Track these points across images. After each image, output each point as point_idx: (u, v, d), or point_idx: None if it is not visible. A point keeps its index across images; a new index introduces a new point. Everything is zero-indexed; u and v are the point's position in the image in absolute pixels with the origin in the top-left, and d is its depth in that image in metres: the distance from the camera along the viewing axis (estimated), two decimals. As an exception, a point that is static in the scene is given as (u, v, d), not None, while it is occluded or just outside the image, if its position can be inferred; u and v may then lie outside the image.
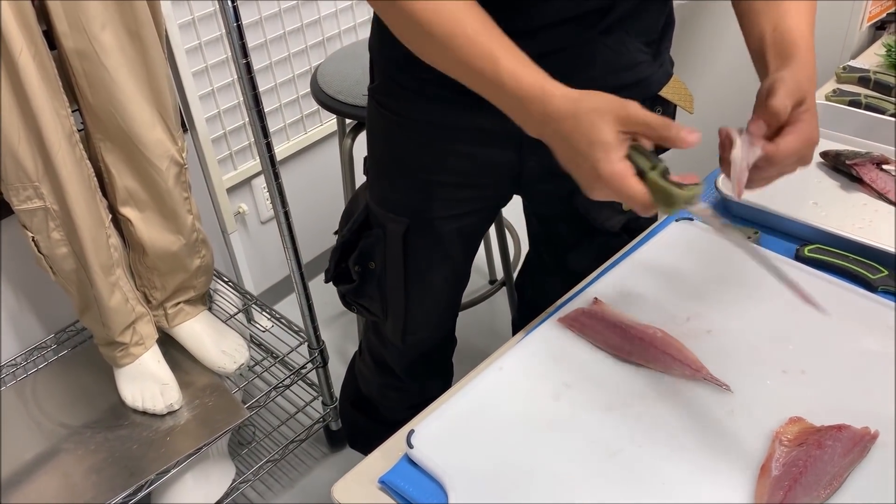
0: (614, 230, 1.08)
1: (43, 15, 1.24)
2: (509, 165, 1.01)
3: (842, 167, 1.10)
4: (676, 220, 1.04)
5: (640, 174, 0.71)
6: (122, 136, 1.33)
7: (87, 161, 1.33)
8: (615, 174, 0.70)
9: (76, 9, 1.21)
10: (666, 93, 1.00)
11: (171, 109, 1.38)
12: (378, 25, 1.00)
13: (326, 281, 1.22)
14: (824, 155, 1.13)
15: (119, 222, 1.45)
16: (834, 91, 1.29)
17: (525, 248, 1.31)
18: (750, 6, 0.86)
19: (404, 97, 0.98)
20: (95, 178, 1.36)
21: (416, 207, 1.05)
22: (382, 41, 0.99)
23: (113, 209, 1.42)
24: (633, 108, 0.72)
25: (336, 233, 1.22)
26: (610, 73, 0.94)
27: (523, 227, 1.25)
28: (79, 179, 1.30)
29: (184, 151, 1.43)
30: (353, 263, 1.14)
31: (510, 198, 1.13)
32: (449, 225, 1.07)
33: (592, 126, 0.71)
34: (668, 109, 1.03)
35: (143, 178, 1.39)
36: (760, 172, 0.77)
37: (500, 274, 2.10)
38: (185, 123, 1.70)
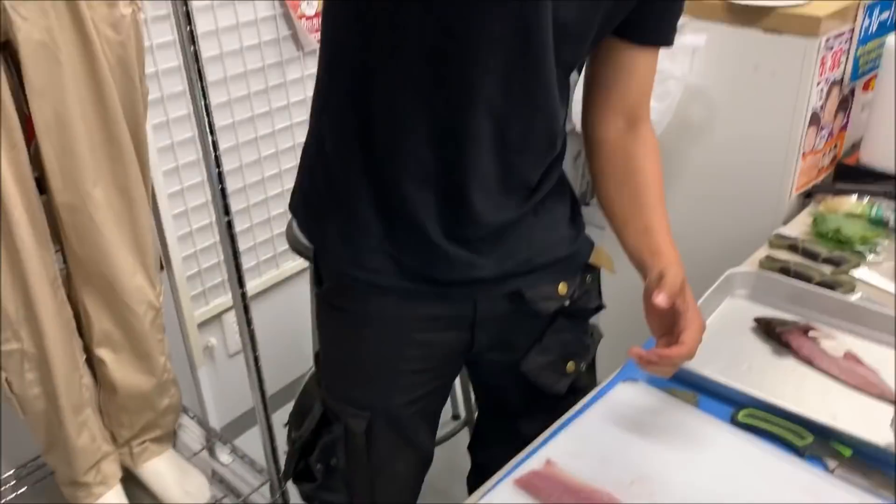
0: (561, 393, 1.14)
1: (36, 162, 1.33)
2: (464, 345, 1.09)
3: (773, 334, 1.20)
4: (623, 382, 1.12)
5: None
6: (103, 282, 1.40)
7: (68, 304, 1.39)
8: None
9: (71, 167, 1.30)
10: (594, 260, 1.14)
11: (151, 257, 1.46)
12: (321, 231, 1.05)
13: (285, 481, 1.23)
14: (757, 321, 1.23)
15: (92, 362, 1.49)
16: (766, 258, 1.41)
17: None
18: (621, 214, 1.06)
19: (358, 296, 1.03)
20: (74, 321, 1.41)
21: (376, 400, 1.09)
22: (326, 240, 1.04)
23: (87, 349, 1.47)
24: None
25: (287, 427, 1.24)
26: (545, 250, 1.06)
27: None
28: (58, 323, 1.35)
29: (161, 295, 1.50)
30: (314, 462, 1.15)
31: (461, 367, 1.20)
32: (409, 410, 1.11)
33: None
34: (595, 274, 1.15)
35: (120, 322, 1.45)
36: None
37: (462, 408, 2.15)
38: (163, 262, 1.77)
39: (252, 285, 2.07)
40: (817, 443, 0.99)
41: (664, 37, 1.03)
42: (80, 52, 1.22)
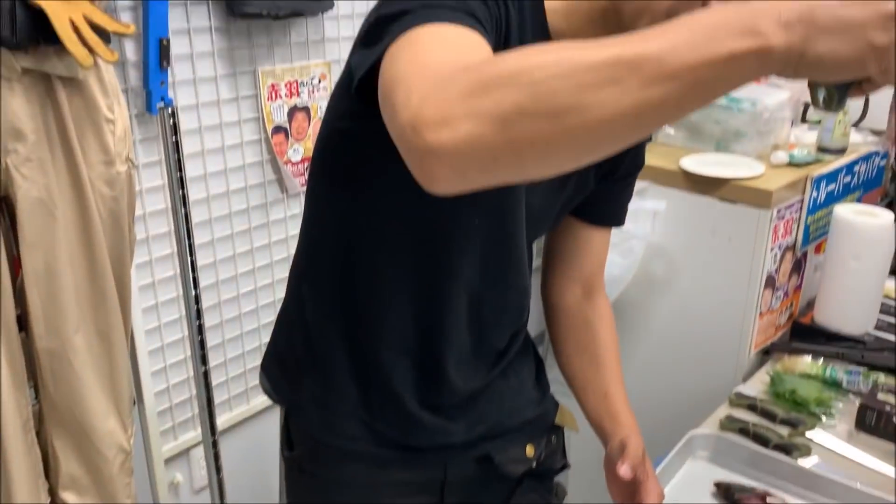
0: None
1: (19, 299, 1.36)
2: None
3: (732, 500, 1.23)
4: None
5: None
6: (75, 426, 1.41)
7: (37, 446, 1.39)
8: None
9: (55, 314, 1.33)
10: (559, 421, 1.18)
11: (126, 400, 1.48)
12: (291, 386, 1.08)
13: None
14: (717, 486, 1.27)
15: (56, 505, 1.47)
16: (727, 417, 1.46)
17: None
18: (581, 377, 1.15)
19: (331, 461, 1.05)
20: (41, 463, 1.41)
21: None
22: (300, 402, 1.07)
23: (52, 493, 1.46)
24: None
25: None
26: (515, 413, 1.10)
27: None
28: (26, 467, 1.35)
29: (132, 438, 1.51)
30: None
31: None
32: None
33: None
34: (560, 434, 1.20)
35: (88, 466, 1.44)
36: None
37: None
38: (135, 398, 1.78)
39: (222, 420, 2.07)
40: None
41: (616, 218, 1.15)
42: (74, 207, 1.28)
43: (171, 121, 1.51)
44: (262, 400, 2.16)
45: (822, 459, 1.36)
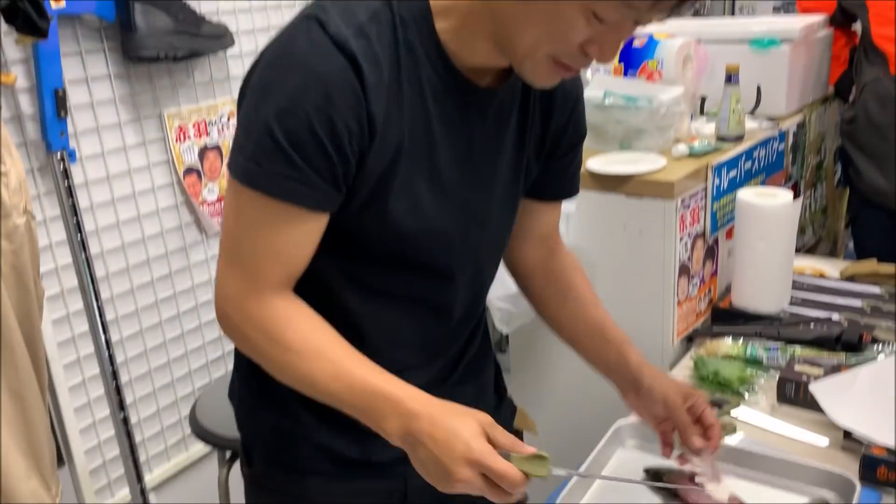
0: None
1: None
2: None
3: (662, 484, 1.25)
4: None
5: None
6: (-6, 491, 1.36)
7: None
8: (486, 453, 0.79)
9: (-38, 378, 1.29)
10: (517, 425, 1.19)
11: (47, 458, 1.43)
12: (251, 399, 1.08)
13: None
14: (647, 471, 1.28)
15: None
16: (654, 405, 1.48)
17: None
18: (571, 329, 1.18)
19: (292, 478, 1.04)
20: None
21: None
22: (258, 432, 1.07)
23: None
24: (492, 420, 0.85)
25: None
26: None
27: None
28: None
29: (57, 497, 1.46)
30: None
31: None
32: None
33: (463, 417, 0.82)
34: (518, 437, 1.19)
35: None
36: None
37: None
38: (63, 457, 1.73)
39: (159, 471, 2.02)
40: None
41: (568, 191, 1.15)
42: (-29, 265, 1.25)
43: (62, 165, 1.49)
44: (200, 447, 2.12)
45: (747, 435, 1.39)
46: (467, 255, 0.99)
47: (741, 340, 1.65)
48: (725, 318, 1.76)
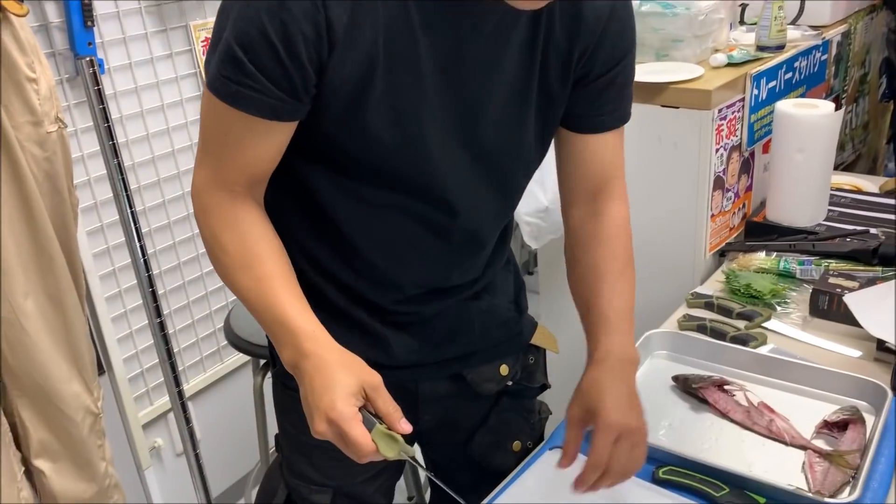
0: (509, 472, 1.15)
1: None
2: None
3: (690, 390, 1.26)
4: (549, 449, 1.16)
5: (366, 425, 0.81)
6: (39, 392, 1.41)
7: (4, 416, 1.39)
8: (348, 415, 0.79)
9: (2, 282, 1.32)
10: (536, 340, 1.16)
11: (88, 363, 1.47)
12: None
13: None
14: (675, 379, 1.29)
15: (31, 474, 1.48)
16: (684, 316, 1.48)
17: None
18: (582, 303, 1.06)
19: None
20: (10, 433, 1.41)
21: (337, 478, 1.10)
22: None
23: (26, 461, 1.46)
24: (379, 382, 0.84)
25: None
26: (485, 334, 1.08)
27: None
28: (-7, 438, 1.35)
29: (99, 400, 1.51)
30: None
31: (412, 445, 1.17)
32: (370, 486, 1.13)
33: (345, 372, 0.82)
34: (539, 353, 1.18)
35: (57, 431, 1.44)
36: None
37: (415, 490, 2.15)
38: (103, 365, 1.78)
39: (196, 382, 2.08)
40: (733, 493, 1.04)
41: (612, 118, 1.01)
42: (7, 171, 1.26)
43: (91, 69, 1.48)
44: (235, 358, 2.17)
45: (778, 346, 1.39)
46: (459, 178, 0.93)
47: (774, 254, 1.63)
48: (759, 232, 1.73)
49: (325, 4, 0.76)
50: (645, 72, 1.66)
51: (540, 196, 1.81)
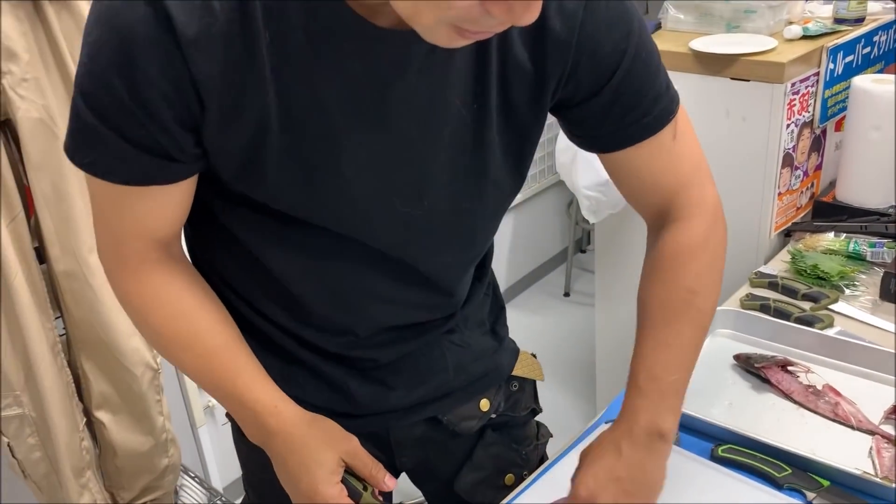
0: None
1: (36, 233, 1.39)
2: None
3: (752, 370, 1.23)
4: (605, 423, 1.14)
5: (352, 496, 0.79)
6: (101, 346, 1.44)
7: (67, 368, 1.43)
8: (332, 496, 0.76)
9: (69, 235, 1.35)
10: (518, 371, 1.04)
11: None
12: None
13: None
14: (737, 357, 1.26)
15: (92, 424, 1.52)
16: (747, 296, 1.44)
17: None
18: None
19: None
20: (73, 384, 1.45)
21: None
22: None
23: (87, 412, 1.50)
24: (356, 446, 0.80)
25: None
26: (462, 370, 0.96)
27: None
28: (58, 387, 1.39)
29: (158, 356, 1.54)
30: None
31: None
32: None
33: (319, 449, 0.78)
34: (525, 384, 1.06)
35: (118, 384, 1.48)
36: None
37: None
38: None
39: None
40: (796, 474, 1.01)
41: (652, 122, 0.80)
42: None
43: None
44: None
45: (845, 329, 1.34)
46: (404, 234, 0.80)
47: (844, 236, 1.57)
48: (828, 212, 1.68)
49: (184, 56, 0.63)
50: (714, 43, 1.61)
51: (600, 168, 1.77)
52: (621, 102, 0.79)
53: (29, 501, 1.56)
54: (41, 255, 1.40)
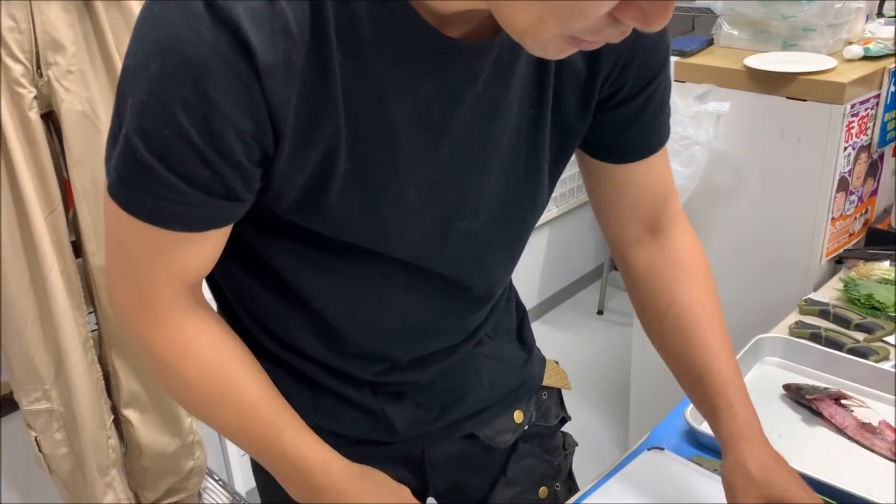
0: None
1: (73, 226, 1.38)
2: (418, 491, 0.96)
3: (803, 401, 1.17)
4: (648, 450, 1.10)
5: None
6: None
7: (98, 365, 1.42)
8: None
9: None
10: (547, 381, 1.02)
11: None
12: None
13: None
14: (787, 388, 1.20)
15: (120, 423, 1.51)
16: (796, 323, 1.39)
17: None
18: (671, 353, 0.89)
19: None
20: (103, 381, 1.44)
21: None
22: None
23: (115, 410, 1.49)
24: (408, 497, 0.78)
25: None
26: (496, 384, 0.94)
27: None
28: (87, 383, 1.37)
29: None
30: None
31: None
32: None
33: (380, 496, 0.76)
34: (552, 393, 1.05)
35: (147, 383, 1.46)
36: None
37: None
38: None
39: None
40: (849, 515, 0.96)
41: (648, 144, 0.83)
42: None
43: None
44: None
45: (901, 363, 1.28)
46: (456, 247, 0.78)
47: (900, 265, 1.51)
48: (883, 239, 1.62)
49: (262, 86, 0.58)
50: (770, 61, 1.57)
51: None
52: (650, 111, 0.81)
53: (36, 501, 1.55)
54: (77, 249, 1.39)
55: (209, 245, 0.68)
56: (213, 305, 0.80)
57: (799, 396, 1.18)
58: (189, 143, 0.58)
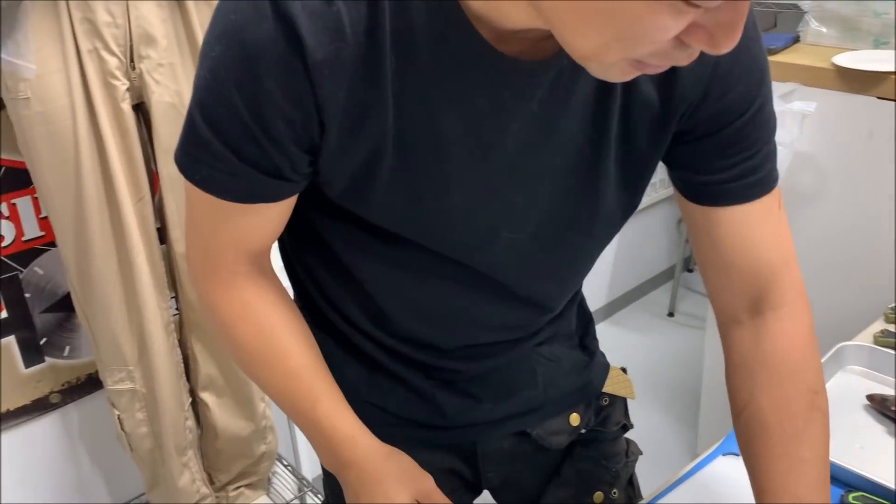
0: None
1: (159, 214, 1.43)
2: (470, 482, 0.98)
3: (888, 413, 1.13)
4: (723, 455, 1.08)
5: None
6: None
7: (178, 348, 1.47)
8: None
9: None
10: (608, 388, 1.00)
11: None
12: None
13: None
14: (871, 398, 1.16)
15: (197, 405, 1.56)
16: (882, 332, 1.33)
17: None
18: (747, 455, 0.81)
19: None
20: (182, 364, 1.49)
21: None
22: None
23: (193, 393, 1.54)
24: (431, 486, 0.78)
25: None
26: (552, 385, 0.94)
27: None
28: (169, 366, 1.42)
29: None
30: None
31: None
32: None
33: (393, 486, 0.76)
34: (615, 400, 1.02)
35: (224, 367, 1.51)
36: None
37: None
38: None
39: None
40: (936, 532, 0.92)
41: (753, 185, 0.75)
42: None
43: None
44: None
45: None
46: (503, 257, 0.77)
47: None
48: (978, 248, 1.54)
49: (311, 79, 0.61)
50: (861, 59, 1.51)
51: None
52: (737, 148, 0.73)
53: (40, 502, 1.61)
54: (162, 236, 1.44)
55: (265, 219, 0.72)
56: (285, 280, 0.85)
57: (883, 408, 1.14)
58: (241, 122, 0.63)
